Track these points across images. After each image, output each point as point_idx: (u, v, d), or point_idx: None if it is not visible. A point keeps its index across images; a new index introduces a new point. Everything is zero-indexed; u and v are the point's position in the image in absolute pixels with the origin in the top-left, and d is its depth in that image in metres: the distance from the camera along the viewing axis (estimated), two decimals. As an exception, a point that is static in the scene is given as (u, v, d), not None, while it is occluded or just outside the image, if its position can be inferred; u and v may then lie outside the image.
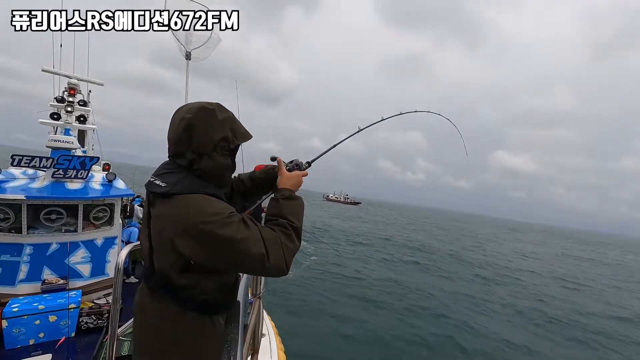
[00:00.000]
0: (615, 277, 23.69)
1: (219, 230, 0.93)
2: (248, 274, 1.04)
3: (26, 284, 4.46)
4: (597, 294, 16.73)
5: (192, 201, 0.99)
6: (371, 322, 8.82)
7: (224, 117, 1.09)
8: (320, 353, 6.86)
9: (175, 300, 1.05)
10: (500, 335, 9.05)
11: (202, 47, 4.81)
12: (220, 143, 1.08)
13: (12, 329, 3.75)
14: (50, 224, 4.71)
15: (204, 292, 1.07)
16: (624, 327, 11.82)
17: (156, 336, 1.06)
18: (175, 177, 1.05)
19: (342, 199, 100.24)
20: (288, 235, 1.04)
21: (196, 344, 1.07)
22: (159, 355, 1.06)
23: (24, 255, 4.48)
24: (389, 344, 7.84)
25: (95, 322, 4.28)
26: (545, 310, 12.27)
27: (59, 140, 5.12)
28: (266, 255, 0.96)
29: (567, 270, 23.44)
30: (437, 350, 7.90)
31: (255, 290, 1.89)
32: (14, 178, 4.73)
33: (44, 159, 4.71)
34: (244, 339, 1.39)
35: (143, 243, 1.16)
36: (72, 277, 4.65)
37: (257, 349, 1.87)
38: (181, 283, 1.04)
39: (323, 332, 7.94)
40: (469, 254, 23.89)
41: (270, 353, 3.24)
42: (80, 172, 4.88)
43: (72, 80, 5.69)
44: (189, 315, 1.06)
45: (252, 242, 0.95)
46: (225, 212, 0.97)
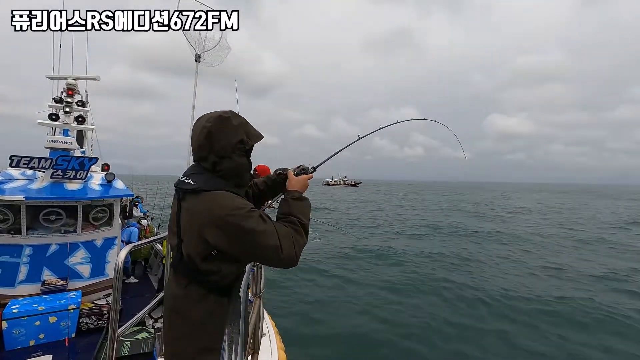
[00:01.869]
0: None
1: (242, 222, 1.08)
2: (263, 263, 1.18)
3: (26, 285, 4.45)
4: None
5: (219, 197, 1.14)
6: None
7: (238, 123, 1.24)
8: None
9: (200, 284, 1.20)
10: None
11: (213, 52, 4.82)
12: (237, 145, 1.23)
13: (12, 330, 3.74)
14: (50, 224, 4.70)
15: (224, 278, 1.23)
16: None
17: (183, 319, 1.20)
18: (202, 177, 1.21)
19: (341, 182, 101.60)
20: (297, 231, 1.18)
21: (217, 325, 1.23)
22: (185, 336, 1.19)
23: (23, 256, 4.48)
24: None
25: (96, 323, 4.27)
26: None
27: (58, 140, 5.11)
28: (280, 247, 1.09)
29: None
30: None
31: (256, 290, 1.89)
32: (12, 179, 4.72)
33: (43, 159, 4.69)
34: (244, 338, 1.39)
35: (171, 235, 1.29)
36: (72, 278, 4.64)
37: (258, 349, 1.87)
38: (205, 269, 1.18)
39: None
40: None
41: (271, 352, 3.25)
42: (79, 173, 4.87)
43: (70, 80, 5.69)
44: (210, 297, 1.20)
45: (269, 234, 1.09)
46: (247, 207, 1.12)
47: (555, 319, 7.21)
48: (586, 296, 8.50)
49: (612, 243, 16.28)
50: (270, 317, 4.19)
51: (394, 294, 8.51)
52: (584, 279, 10.12)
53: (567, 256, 13.26)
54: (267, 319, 3.93)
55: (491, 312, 7.53)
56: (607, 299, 8.31)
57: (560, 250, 14.52)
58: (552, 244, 15.87)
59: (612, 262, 12.47)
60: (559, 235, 18.26)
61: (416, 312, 7.45)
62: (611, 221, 25.36)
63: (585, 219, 27.08)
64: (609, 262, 12.32)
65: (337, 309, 7.48)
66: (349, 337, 6.21)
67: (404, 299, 8.23)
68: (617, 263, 12.29)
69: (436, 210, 33.00)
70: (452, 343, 6.10)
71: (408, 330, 6.54)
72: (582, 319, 7.23)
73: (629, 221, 25.19)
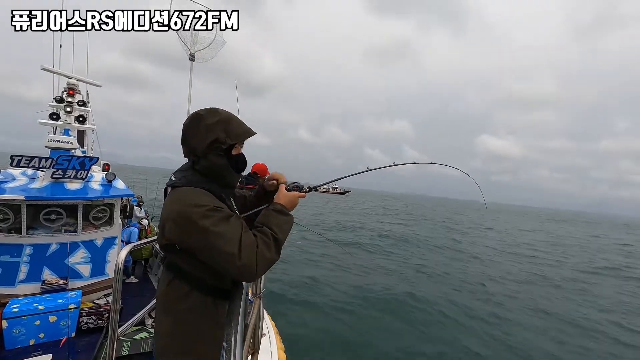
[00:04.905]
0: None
1: (199, 220, 1.01)
2: (218, 269, 1.08)
3: (26, 284, 4.45)
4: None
5: (184, 192, 1.11)
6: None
7: (214, 121, 1.17)
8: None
9: (182, 280, 1.13)
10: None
11: (207, 49, 4.83)
12: (214, 144, 1.17)
13: (12, 330, 3.74)
14: (50, 224, 4.71)
15: (204, 273, 1.13)
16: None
17: (166, 317, 1.15)
18: (182, 173, 1.20)
19: (330, 190, 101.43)
20: (266, 244, 1.06)
21: (199, 326, 1.13)
22: (168, 334, 1.13)
23: (23, 256, 4.48)
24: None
25: (96, 323, 4.27)
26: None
27: (58, 140, 5.12)
28: (237, 255, 0.99)
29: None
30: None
31: (256, 290, 1.89)
32: (13, 178, 4.72)
33: (43, 159, 4.70)
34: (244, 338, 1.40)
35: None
36: (72, 278, 4.65)
37: (258, 349, 1.87)
38: (184, 265, 1.12)
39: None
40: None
41: (271, 352, 3.25)
42: (79, 172, 4.87)
43: (72, 80, 5.69)
44: (194, 295, 1.12)
45: (227, 238, 1.00)
46: (209, 205, 1.05)
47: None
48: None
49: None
50: (270, 317, 4.20)
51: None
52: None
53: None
54: (267, 319, 3.93)
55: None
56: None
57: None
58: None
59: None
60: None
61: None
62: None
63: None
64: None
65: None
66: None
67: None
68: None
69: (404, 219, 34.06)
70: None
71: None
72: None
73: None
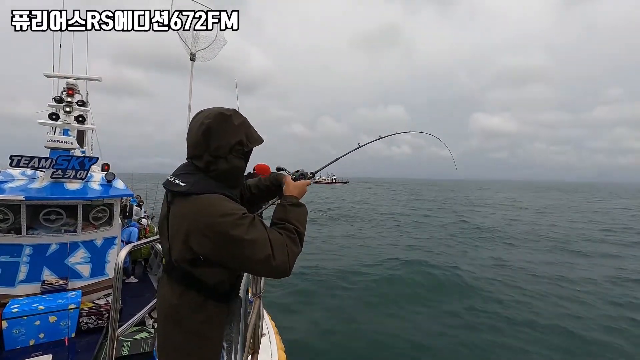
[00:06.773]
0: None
1: (230, 230, 0.99)
2: (252, 273, 1.08)
3: (26, 284, 4.45)
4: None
5: (208, 201, 1.06)
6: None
7: (239, 123, 1.16)
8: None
9: (197, 291, 1.11)
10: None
11: (208, 49, 4.83)
12: (236, 147, 1.15)
13: (12, 330, 3.74)
14: (50, 224, 4.71)
15: (222, 282, 1.15)
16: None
17: (179, 329, 1.12)
18: (193, 178, 1.12)
19: (329, 180, 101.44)
20: (292, 239, 1.09)
21: (209, 332, 1.14)
22: (182, 347, 1.11)
23: (23, 256, 4.48)
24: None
25: (96, 323, 4.27)
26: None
27: (58, 140, 5.11)
28: (272, 256, 1.01)
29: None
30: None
31: (256, 290, 1.89)
32: (12, 178, 4.72)
33: (43, 159, 4.69)
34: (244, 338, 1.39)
35: (162, 237, 1.23)
36: (72, 278, 4.64)
37: (258, 349, 1.87)
38: (199, 275, 1.10)
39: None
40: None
41: (271, 352, 3.25)
42: (79, 173, 4.87)
43: (71, 80, 5.68)
44: (209, 304, 1.13)
45: (259, 243, 1.00)
46: (238, 213, 1.03)
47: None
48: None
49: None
50: (270, 317, 4.19)
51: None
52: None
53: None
54: (267, 319, 3.93)
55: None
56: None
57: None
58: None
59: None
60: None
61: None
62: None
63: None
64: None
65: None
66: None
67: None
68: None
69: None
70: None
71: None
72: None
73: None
